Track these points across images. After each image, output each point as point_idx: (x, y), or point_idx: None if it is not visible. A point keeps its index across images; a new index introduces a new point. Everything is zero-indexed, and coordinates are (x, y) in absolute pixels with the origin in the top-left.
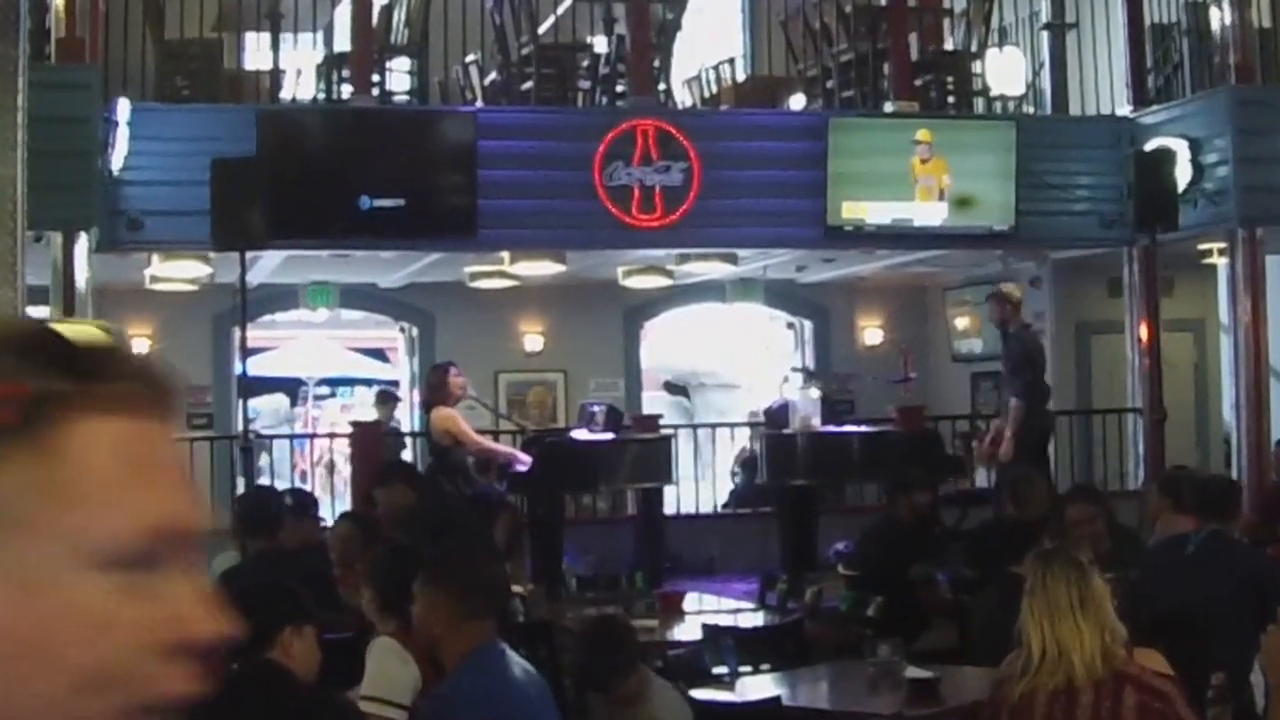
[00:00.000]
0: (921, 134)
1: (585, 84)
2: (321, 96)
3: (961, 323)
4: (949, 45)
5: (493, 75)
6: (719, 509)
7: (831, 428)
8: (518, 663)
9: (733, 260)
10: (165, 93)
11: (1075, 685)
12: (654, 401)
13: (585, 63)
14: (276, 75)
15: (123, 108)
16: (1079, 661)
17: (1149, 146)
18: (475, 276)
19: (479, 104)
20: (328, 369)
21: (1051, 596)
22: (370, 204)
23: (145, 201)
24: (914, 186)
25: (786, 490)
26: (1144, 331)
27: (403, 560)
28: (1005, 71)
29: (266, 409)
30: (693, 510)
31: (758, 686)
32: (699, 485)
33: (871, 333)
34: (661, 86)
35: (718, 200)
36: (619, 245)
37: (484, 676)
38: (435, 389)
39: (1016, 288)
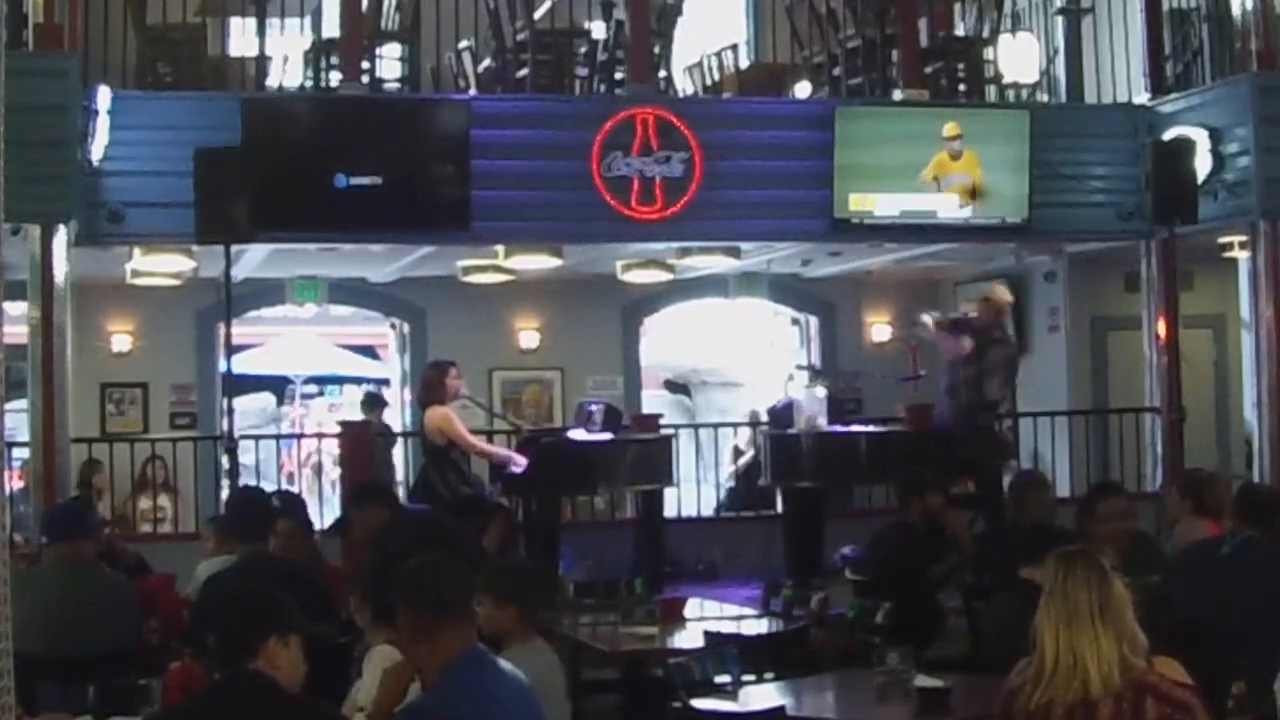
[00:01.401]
0: (950, 128)
1: (583, 71)
2: (309, 84)
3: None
4: (960, 31)
5: (487, 62)
6: (721, 512)
7: (838, 427)
8: (498, 669)
9: (735, 254)
10: (147, 80)
11: (1093, 697)
12: (654, 400)
13: (583, 49)
14: (262, 62)
15: (103, 96)
16: (1095, 672)
17: (1167, 136)
18: (468, 271)
19: (473, 92)
20: (315, 366)
21: (1071, 601)
22: (346, 182)
23: (126, 193)
24: (938, 185)
25: (791, 493)
26: (1162, 328)
27: (395, 568)
28: (1018, 58)
29: (252, 408)
30: (694, 513)
31: (762, 696)
32: (700, 487)
33: (879, 329)
34: (662, 74)
35: (720, 192)
36: (618, 238)
37: (458, 689)
38: (432, 387)
39: (1005, 290)
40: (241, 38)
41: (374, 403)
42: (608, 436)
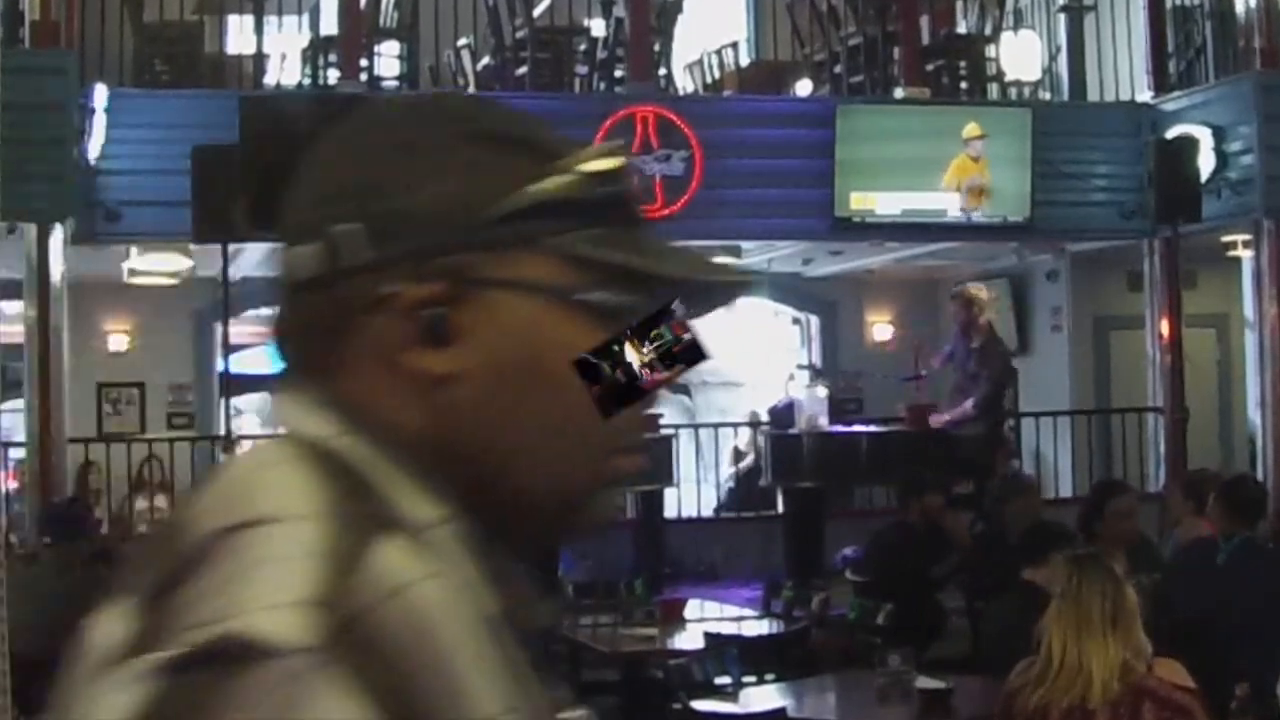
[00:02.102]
0: (970, 129)
1: (582, 69)
2: (307, 82)
3: None
4: (961, 28)
5: (486, 60)
6: (721, 512)
7: (839, 427)
8: None
9: (736, 253)
10: (144, 78)
11: (1090, 705)
12: None
13: (582, 47)
14: (260, 60)
15: (100, 94)
16: (1097, 679)
17: (1170, 134)
18: None
19: (472, 90)
20: None
21: (1084, 609)
22: None
23: (123, 192)
24: (960, 189)
25: (791, 493)
26: (1165, 327)
27: None
28: (1020, 56)
29: (250, 408)
30: (694, 513)
31: (762, 698)
32: (700, 487)
33: (880, 328)
34: (662, 71)
35: (720, 190)
36: None
37: None
38: None
39: (982, 288)
40: (239, 35)
41: None
42: None
